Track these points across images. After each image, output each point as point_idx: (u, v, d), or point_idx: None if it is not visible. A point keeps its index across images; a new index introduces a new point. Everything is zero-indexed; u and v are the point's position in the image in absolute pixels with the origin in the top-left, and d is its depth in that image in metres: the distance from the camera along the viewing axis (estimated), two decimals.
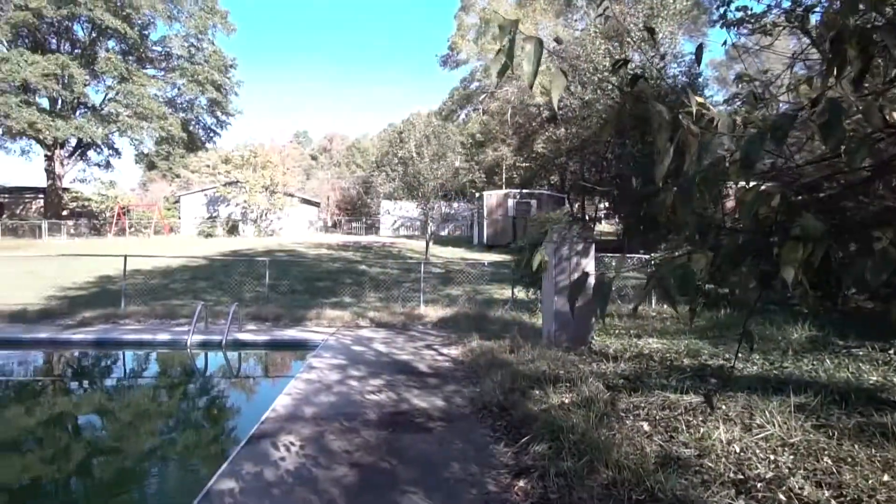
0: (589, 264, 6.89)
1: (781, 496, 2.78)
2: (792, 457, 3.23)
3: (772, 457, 3.25)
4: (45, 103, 33.74)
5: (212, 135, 43.02)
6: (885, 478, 2.88)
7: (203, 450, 5.12)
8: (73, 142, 36.12)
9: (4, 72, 28.79)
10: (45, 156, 35.81)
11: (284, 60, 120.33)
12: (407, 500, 3.26)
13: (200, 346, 8.14)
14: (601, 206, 34.25)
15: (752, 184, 1.43)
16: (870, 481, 2.84)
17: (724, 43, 12.92)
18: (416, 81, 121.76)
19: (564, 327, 6.71)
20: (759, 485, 2.94)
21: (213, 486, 3.42)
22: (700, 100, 1.42)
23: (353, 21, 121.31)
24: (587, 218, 25.65)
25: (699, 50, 1.76)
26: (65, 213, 36.87)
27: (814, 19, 6.48)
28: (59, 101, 33.91)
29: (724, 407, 4.12)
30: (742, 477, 3.05)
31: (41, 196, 38.70)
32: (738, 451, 3.35)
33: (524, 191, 25.89)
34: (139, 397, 6.66)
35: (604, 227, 32.70)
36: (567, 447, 3.58)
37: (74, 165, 38.60)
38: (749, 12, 7.82)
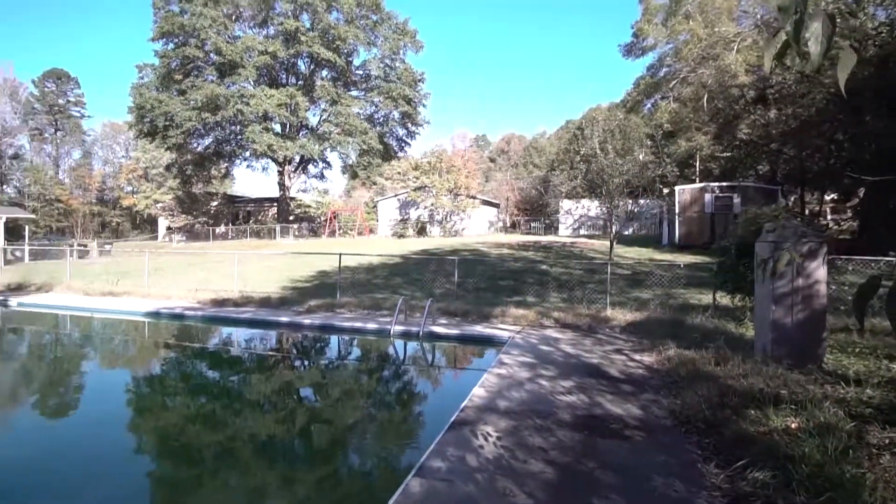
0: (818, 269, 5.86)
1: None
2: None
3: None
4: (277, 128, 40.95)
5: (403, 145, 47.36)
6: None
7: (409, 429, 5.71)
8: (298, 158, 43.13)
9: (252, 105, 35.72)
10: (278, 171, 43.53)
11: (463, 67, 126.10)
12: None
13: (401, 336, 9.08)
14: (826, 198, 28.75)
15: None
16: None
17: None
18: (593, 76, 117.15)
19: (783, 341, 5.82)
20: None
21: (424, 462, 3.81)
22: None
23: (527, 21, 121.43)
24: (809, 213, 21.75)
25: None
26: (291, 218, 44.34)
27: None
28: (288, 126, 40.81)
29: None
30: None
31: (275, 204, 47.12)
32: None
33: (724, 184, 22.97)
34: (353, 376, 7.71)
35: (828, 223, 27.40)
36: (798, 479, 3.13)
37: (298, 178, 46.09)
38: None
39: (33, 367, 8.46)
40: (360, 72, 44.17)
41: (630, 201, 17.55)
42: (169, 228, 50.09)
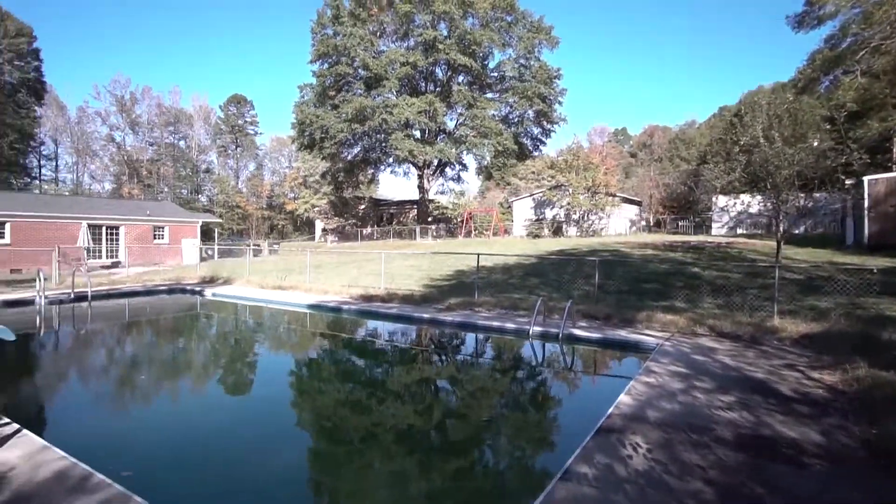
0: None
1: None
2: None
3: None
4: (417, 134, 43.11)
5: (538, 143, 46.84)
6: None
7: (550, 431, 5.64)
8: (436, 162, 44.96)
9: (395, 114, 38.14)
10: (418, 175, 45.87)
11: (600, 58, 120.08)
12: None
13: (540, 337, 9.01)
14: None
15: None
16: None
17: None
18: (750, 56, 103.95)
19: None
20: None
21: (570, 466, 3.75)
22: None
23: (671, 1, 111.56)
24: None
25: None
26: (430, 219, 46.40)
27: None
28: (427, 131, 42.76)
29: None
30: None
31: (415, 206, 49.72)
32: None
33: None
34: (492, 375, 7.83)
35: None
36: None
37: (436, 181, 48.06)
38: None
39: (223, 346, 10.00)
40: (495, 74, 44.65)
41: (802, 195, 15.25)
42: (324, 230, 55.62)
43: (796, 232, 26.02)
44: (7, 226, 24.49)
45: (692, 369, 6.37)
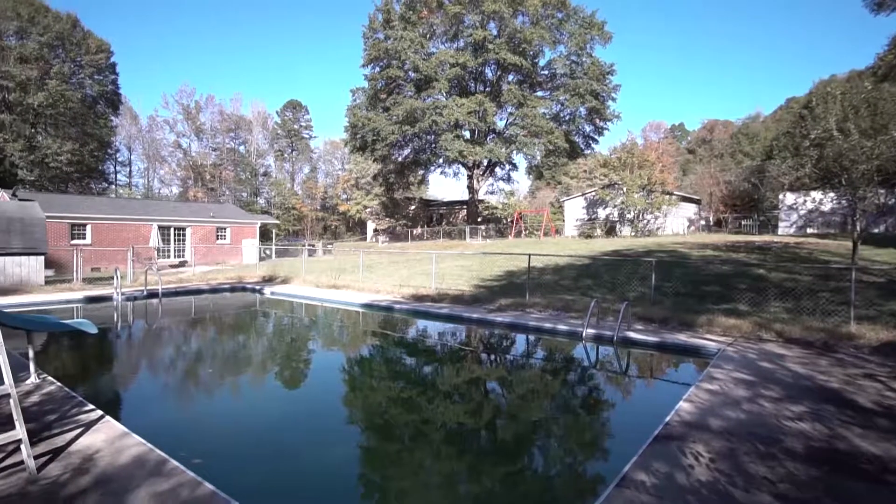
0: None
1: None
2: None
3: None
4: (467, 135, 43.16)
5: (590, 141, 45.81)
6: None
7: (605, 436, 5.50)
8: (485, 162, 44.85)
9: (445, 115, 38.35)
10: (468, 175, 45.93)
11: (656, 51, 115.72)
12: None
13: (593, 340, 8.82)
14: None
15: None
16: None
17: None
18: (821, 43, 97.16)
19: None
20: None
21: (627, 472, 3.65)
22: None
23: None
24: None
25: None
26: (479, 219, 46.33)
27: None
28: (476, 131, 42.73)
29: None
30: None
31: (464, 207, 49.81)
32: None
33: None
34: (545, 377, 7.72)
35: None
36: None
37: (486, 181, 47.93)
38: None
39: (282, 343, 10.40)
40: (546, 71, 44.06)
41: (882, 192, 14.14)
42: (375, 230, 56.72)
43: (875, 231, 24.15)
44: (88, 227, 26.50)
45: (758, 376, 6.05)
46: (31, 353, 5.69)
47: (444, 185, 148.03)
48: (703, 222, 42.43)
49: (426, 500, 4.20)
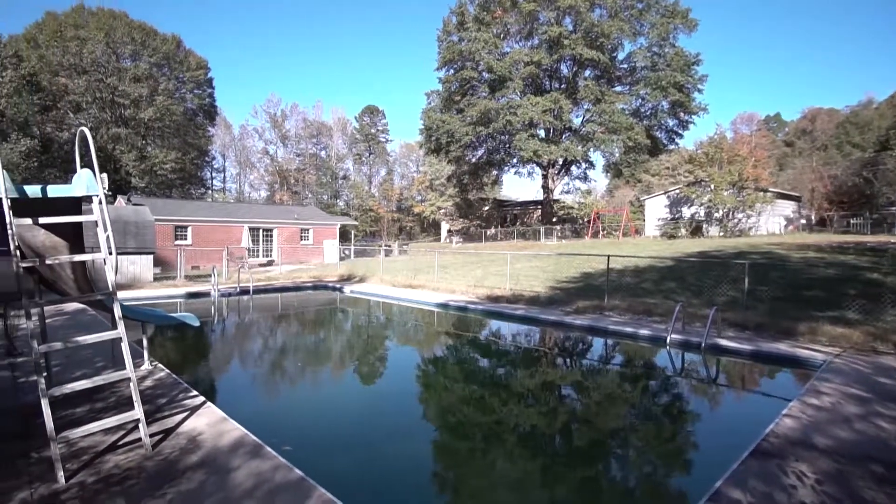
0: None
1: None
2: None
3: None
4: (542, 133, 42.44)
5: (674, 136, 43.39)
6: None
7: (692, 448, 5.20)
8: (561, 161, 43.86)
9: (519, 115, 37.96)
10: (542, 175, 45.15)
11: (747, 36, 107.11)
12: None
13: (679, 346, 8.35)
14: None
15: None
16: None
17: None
18: None
19: None
20: None
21: (719, 488, 3.43)
22: None
23: None
24: None
25: None
26: (554, 219, 45.42)
27: None
28: (552, 130, 41.91)
29: None
30: None
31: (539, 207, 49.03)
32: None
33: None
34: (626, 383, 7.42)
35: None
36: None
37: (561, 180, 46.90)
38: None
39: (362, 339, 10.79)
40: (625, 65, 42.32)
41: None
42: (449, 231, 57.29)
43: None
44: (189, 229, 28.98)
45: (872, 392, 5.45)
46: (145, 342, 6.34)
47: (518, 185, 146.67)
48: (803, 221, 38.85)
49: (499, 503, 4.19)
